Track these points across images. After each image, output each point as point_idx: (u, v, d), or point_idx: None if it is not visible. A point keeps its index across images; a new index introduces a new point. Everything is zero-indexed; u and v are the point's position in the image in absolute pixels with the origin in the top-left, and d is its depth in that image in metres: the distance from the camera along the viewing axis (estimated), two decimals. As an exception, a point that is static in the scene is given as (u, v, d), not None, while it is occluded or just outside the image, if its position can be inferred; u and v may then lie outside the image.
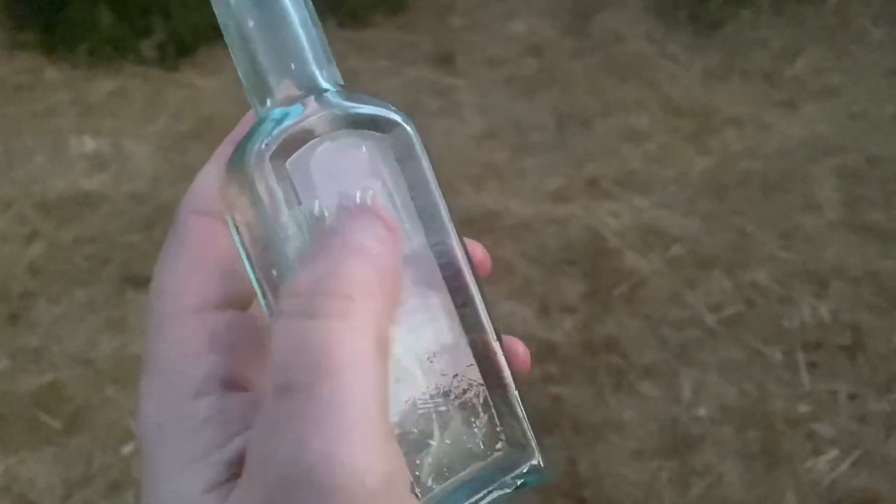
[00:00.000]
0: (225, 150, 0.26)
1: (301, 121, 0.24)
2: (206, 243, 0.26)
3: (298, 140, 0.24)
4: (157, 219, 1.71)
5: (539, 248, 1.63)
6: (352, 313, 0.20)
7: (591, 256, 1.60)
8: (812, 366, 1.39)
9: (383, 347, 0.21)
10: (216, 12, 0.26)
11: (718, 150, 1.89)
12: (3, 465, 1.26)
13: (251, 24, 0.25)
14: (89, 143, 1.93)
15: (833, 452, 1.26)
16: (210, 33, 2.25)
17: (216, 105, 2.06)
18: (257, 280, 0.24)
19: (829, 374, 1.38)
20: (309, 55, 0.25)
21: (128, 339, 1.45)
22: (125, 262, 1.61)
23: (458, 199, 1.71)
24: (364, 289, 0.20)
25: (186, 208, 0.27)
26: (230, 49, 0.26)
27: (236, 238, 0.25)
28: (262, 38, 0.25)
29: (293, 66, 0.25)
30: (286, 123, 0.24)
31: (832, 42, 2.24)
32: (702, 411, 1.32)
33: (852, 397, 1.34)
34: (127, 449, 1.28)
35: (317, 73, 0.26)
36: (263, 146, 0.23)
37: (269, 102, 0.25)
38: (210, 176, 0.27)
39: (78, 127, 1.98)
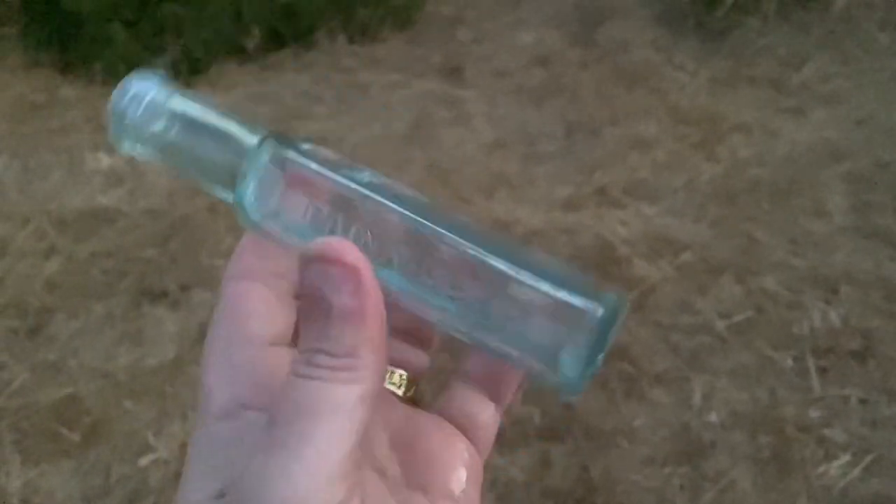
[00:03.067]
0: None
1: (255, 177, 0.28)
2: (238, 302, 0.28)
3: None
4: (172, 233, 1.73)
5: (549, 256, 1.64)
6: (338, 375, 0.24)
7: (601, 264, 1.61)
8: (823, 371, 1.39)
9: (366, 400, 0.24)
10: (165, 162, 0.29)
11: (726, 157, 1.90)
12: (24, 478, 1.28)
13: (195, 151, 0.29)
14: (105, 160, 1.96)
15: (845, 458, 1.26)
16: (222, 51, 2.29)
17: (229, 120, 2.09)
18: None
19: (840, 380, 1.38)
20: (243, 136, 0.29)
21: (145, 352, 1.47)
22: (141, 275, 1.63)
23: (469, 209, 1.73)
24: (346, 350, 0.24)
25: (226, 276, 0.29)
26: (191, 177, 0.30)
27: None
28: (209, 154, 0.29)
29: (236, 152, 0.29)
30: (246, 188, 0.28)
31: (839, 48, 2.24)
32: (713, 417, 1.33)
33: (863, 402, 1.34)
34: (144, 460, 1.30)
35: (251, 142, 0.29)
36: (249, 202, 0.28)
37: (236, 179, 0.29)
38: (246, 246, 0.29)
39: (93, 143, 2.01)
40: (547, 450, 1.29)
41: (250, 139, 0.28)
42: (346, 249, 0.24)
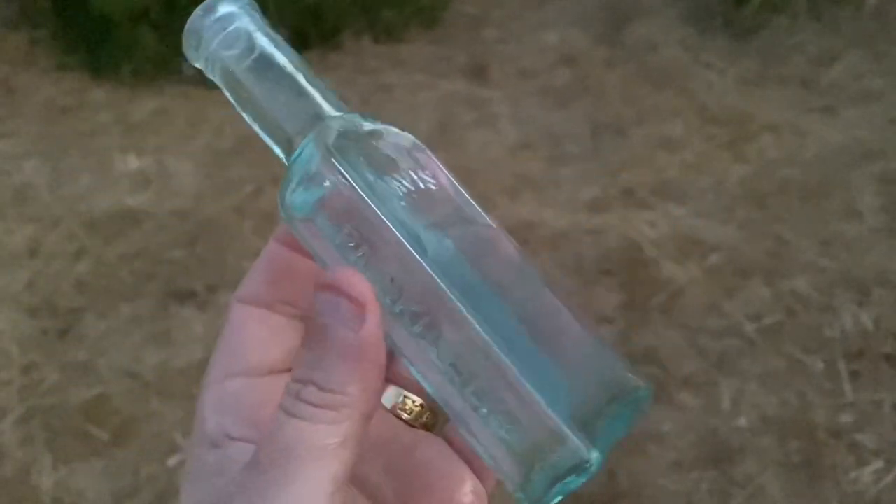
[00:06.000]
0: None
1: (311, 161, 0.26)
2: (240, 328, 0.29)
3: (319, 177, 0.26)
4: (199, 234, 1.75)
5: (575, 258, 1.63)
6: (322, 415, 0.23)
7: (627, 266, 1.60)
8: (854, 375, 1.37)
9: (349, 443, 0.23)
10: (227, 93, 0.28)
11: (755, 158, 1.87)
12: (55, 477, 1.30)
13: (260, 93, 0.28)
14: (133, 162, 1.98)
15: (877, 464, 1.24)
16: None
17: (255, 122, 2.11)
18: None
19: (872, 384, 1.35)
20: (314, 98, 0.28)
21: (172, 352, 1.49)
22: (169, 277, 1.65)
23: (494, 211, 1.70)
24: (335, 384, 0.24)
25: (235, 296, 0.30)
26: (246, 117, 0.28)
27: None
28: (272, 102, 0.28)
29: (301, 112, 0.28)
30: (300, 169, 0.26)
31: (870, 46, 2.21)
32: (742, 421, 1.31)
33: (897, 407, 1.32)
34: (172, 460, 1.31)
35: (323, 108, 0.28)
36: (289, 197, 0.26)
37: (292, 146, 0.28)
38: (258, 268, 0.29)
39: (122, 145, 2.03)
40: (573, 453, 1.28)
41: (325, 111, 0.27)
42: (361, 286, 0.24)
